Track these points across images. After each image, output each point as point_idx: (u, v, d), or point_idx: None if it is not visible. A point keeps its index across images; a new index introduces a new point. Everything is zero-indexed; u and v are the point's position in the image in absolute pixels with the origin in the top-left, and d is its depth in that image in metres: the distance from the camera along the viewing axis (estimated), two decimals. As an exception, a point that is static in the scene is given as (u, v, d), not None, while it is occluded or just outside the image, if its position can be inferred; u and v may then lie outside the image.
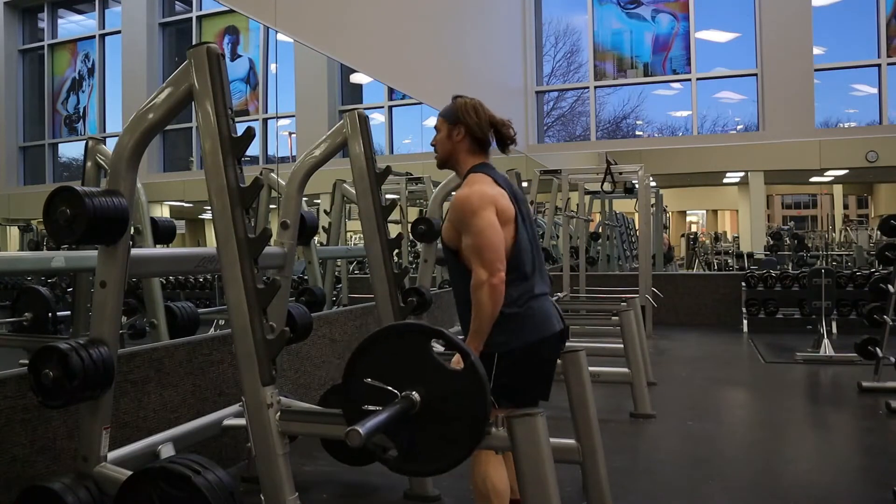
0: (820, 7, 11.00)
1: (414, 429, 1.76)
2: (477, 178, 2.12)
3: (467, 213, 2.03)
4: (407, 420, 1.74)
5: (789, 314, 8.05)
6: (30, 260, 3.58)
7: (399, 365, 1.79)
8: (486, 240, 1.99)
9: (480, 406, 1.71)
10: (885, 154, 10.49)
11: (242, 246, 1.98)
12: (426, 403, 1.74)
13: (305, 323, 3.06)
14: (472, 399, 1.72)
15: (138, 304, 3.59)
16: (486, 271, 1.97)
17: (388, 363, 1.80)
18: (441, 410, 1.74)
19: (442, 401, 1.74)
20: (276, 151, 5.83)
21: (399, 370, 1.78)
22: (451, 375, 1.75)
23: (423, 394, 1.75)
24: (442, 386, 1.75)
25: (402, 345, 1.81)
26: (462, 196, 2.08)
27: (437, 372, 1.76)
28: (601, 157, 8.73)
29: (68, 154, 4.94)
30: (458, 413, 1.74)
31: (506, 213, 2.06)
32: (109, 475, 2.03)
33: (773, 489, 3.06)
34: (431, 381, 1.75)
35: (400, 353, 1.80)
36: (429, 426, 1.75)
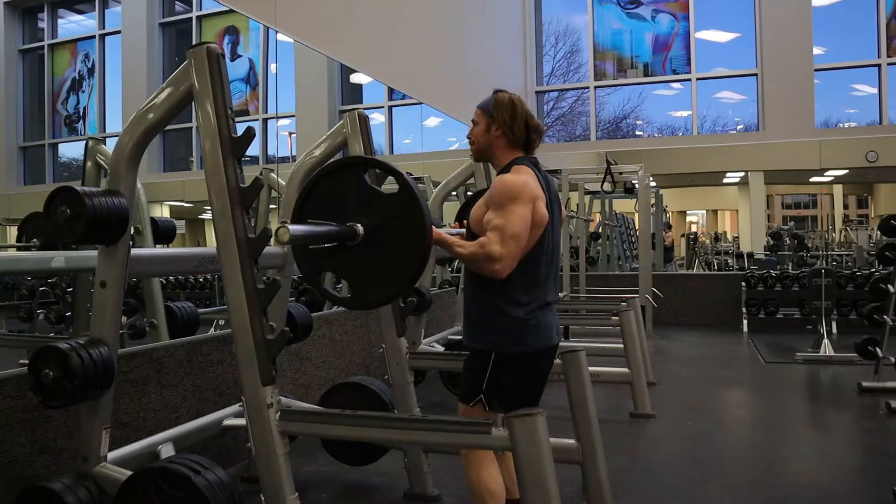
0: (820, 7, 11.00)
1: (361, 260, 1.80)
2: (523, 168, 2.08)
3: (508, 196, 1.98)
4: (353, 250, 1.78)
5: (789, 314, 8.05)
6: (30, 260, 3.58)
7: (339, 202, 1.82)
8: (515, 227, 1.95)
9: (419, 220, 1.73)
10: (885, 154, 10.48)
11: (242, 246, 1.98)
12: (368, 232, 1.78)
13: (305, 323, 3.06)
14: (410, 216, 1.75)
15: (138, 304, 3.59)
16: (504, 257, 1.93)
17: (329, 203, 1.83)
18: (384, 236, 1.78)
19: (383, 227, 1.77)
20: (276, 151, 5.83)
21: (340, 207, 1.81)
22: (388, 199, 1.78)
23: (365, 223, 1.78)
24: (381, 212, 1.78)
25: (338, 182, 1.84)
26: (509, 178, 2.03)
27: (375, 199, 1.80)
28: (601, 157, 8.73)
29: (68, 154, 4.94)
30: (401, 233, 1.76)
31: (539, 217, 2.02)
32: (109, 475, 2.03)
33: (773, 489, 3.06)
34: (371, 210, 1.79)
35: (338, 190, 1.83)
36: (374, 255, 1.79)
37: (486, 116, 2.15)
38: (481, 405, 2.06)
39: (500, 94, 2.15)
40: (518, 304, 2.04)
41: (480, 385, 2.05)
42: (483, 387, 2.04)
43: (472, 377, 2.09)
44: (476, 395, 2.06)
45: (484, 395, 2.05)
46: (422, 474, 2.86)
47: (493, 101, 2.15)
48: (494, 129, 2.13)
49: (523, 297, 2.05)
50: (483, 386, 2.04)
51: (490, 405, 2.05)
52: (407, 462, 2.87)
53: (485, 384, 2.04)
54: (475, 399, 2.06)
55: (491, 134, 2.14)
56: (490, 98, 2.17)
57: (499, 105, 2.13)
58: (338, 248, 1.79)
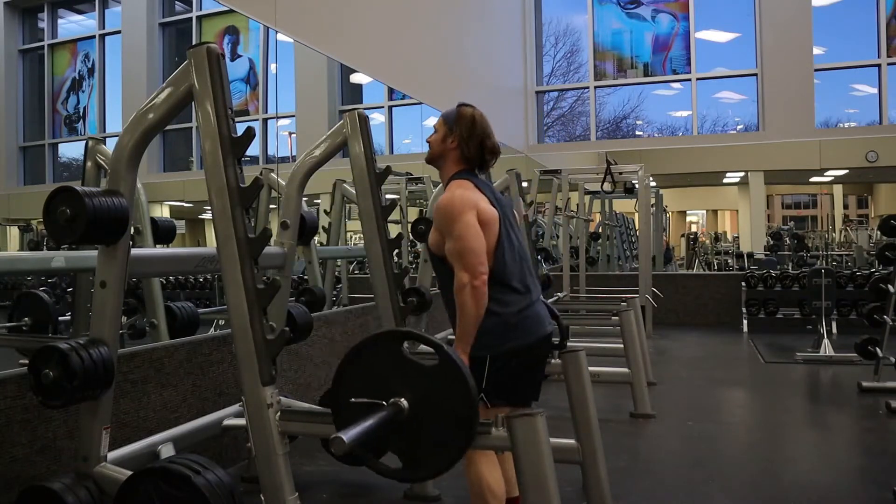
0: (820, 7, 10.99)
1: (409, 434, 1.76)
2: (458, 182, 2.14)
3: (448, 217, 2.05)
4: (400, 427, 1.74)
5: (789, 314, 8.05)
6: (30, 260, 3.58)
7: (381, 376, 1.78)
8: (466, 243, 2.00)
9: (465, 396, 1.71)
10: (885, 154, 10.48)
11: (242, 246, 1.98)
12: (414, 407, 1.74)
13: (305, 323, 3.06)
14: (455, 391, 1.72)
15: (138, 304, 3.59)
16: (468, 274, 1.99)
17: (369, 378, 1.79)
18: (430, 410, 1.74)
19: (429, 401, 1.74)
20: (276, 151, 5.83)
21: (382, 381, 1.77)
22: (430, 373, 1.76)
23: (410, 398, 1.74)
24: (425, 386, 1.75)
25: (378, 355, 1.80)
26: (443, 201, 2.09)
27: (417, 373, 1.76)
28: (601, 157, 8.73)
29: (68, 154, 4.93)
30: (447, 408, 1.74)
31: (487, 216, 2.07)
32: (109, 475, 2.02)
33: (773, 489, 3.06)
34: (414, 384, 1.75)
35: (378, 364, 1.80)
36: (422, 428, 1.75)
37: (445, 126, 2.19)
38: (483, 403, 2.06)
39: (462, 109, 2.20)
40: (500, 302, 2.06)
41: (479, 387, 2.05)
42: (483, 386, 2.05)
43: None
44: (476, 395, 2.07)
45: (484, 393, 2.06)
46: (422, 474, 2.86)
47: (455, 112, 2.17)
48: (451, 141, 2.17)
49: (507, 294, 2.08)
50: (482, 385, 2.05)
51: (491, 401, 2.07)
52: (407, 462, 2.86)
53: (483, 384, 2.05)
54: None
55: (446, 144, 2.18)
56: (453, 109, 2.20)
57: (459, 119, 2.16)
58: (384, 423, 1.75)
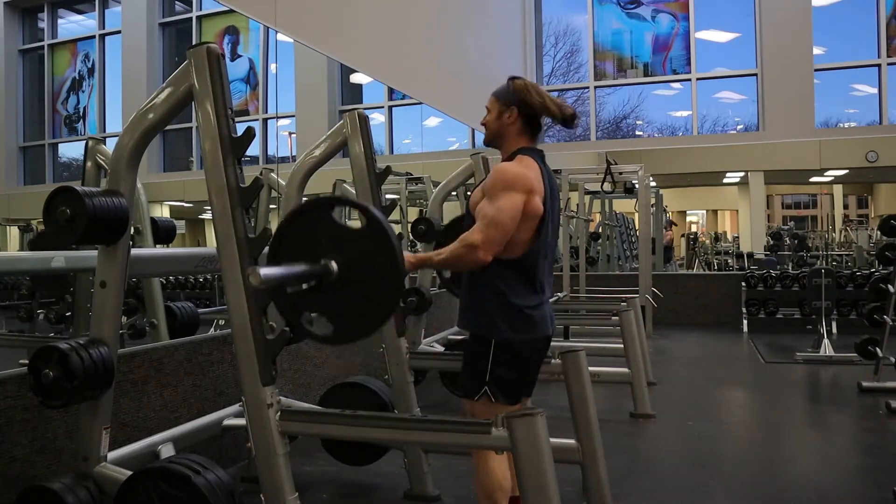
0: (820, 7, 10.99)
1: (339, 297, 1.79)
2: (527, 161, 2.10)
3: (501, 183, 2.02)
4: (330, 289, 1.77)
5: (789, 314, 8.05)
6: (30, 260, 3.58)
7: (313, 241, 1.81)
8: (502, 216, 1.98)
9: (390, 255, 1.73)
10: (885, 154, 10.48)
11: (242, 246, 1.98)
12: (343, 269, 1.77)
13: (305, 323, 3.05)
14: (382, 251, 1.74)
15: (138, 304, 3.59)
16: (484, 241, 1.97)
17: (303, 244, 1.82)
18: (359, 272, 1.77)
19: (357, 263, 1.77)
20: (276, 151, 5.83)
21: (314, 246, 1.81)
22: (357, 235, 1.78)
23: (339, 261, 1.77)
24: (353, 249, 1.78)
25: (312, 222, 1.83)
26: (505, 166, 2.07)
27: (346, 237, 1.79)
28: (601, 157, 8.73)
29: (68, 154, 4.94)
30: (375, 268, 1.76)
31: (533, 209, 2.04)
32: (109, 475, 2.02)
33: (773, 489, 3.06)
34: (343, 247, 1.78)
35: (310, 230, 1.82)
36: (351, 290, 1.78)
37: (499, 103, 2.17)
38: (487, 398, 2.06)
39: (518, 81, 2.17)
40: (518, 294, 2.06)
41: (484, 377, 2.06)
42: (486, 377, 2.05)
43: (473, 368, 2.10)
44: (480, 387, 2.07)
45: (488, 385, 2.05)
46: (422, 474, 2.87)
47: (510, 87, 2.16)
48: (508, 116, 2.15)
49: (525, 286, 2.08)
50: (486, 377, 2.05)
51: (495, 397, 2.06)
52: (407, 462, 2.87)
53: (488, 375, 2.05)
54: (480, 392, 2.07)
55: (503, 121, 2.16)
56: (504, 86, 2.18)
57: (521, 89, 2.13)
58: (315, 287, 1.80)
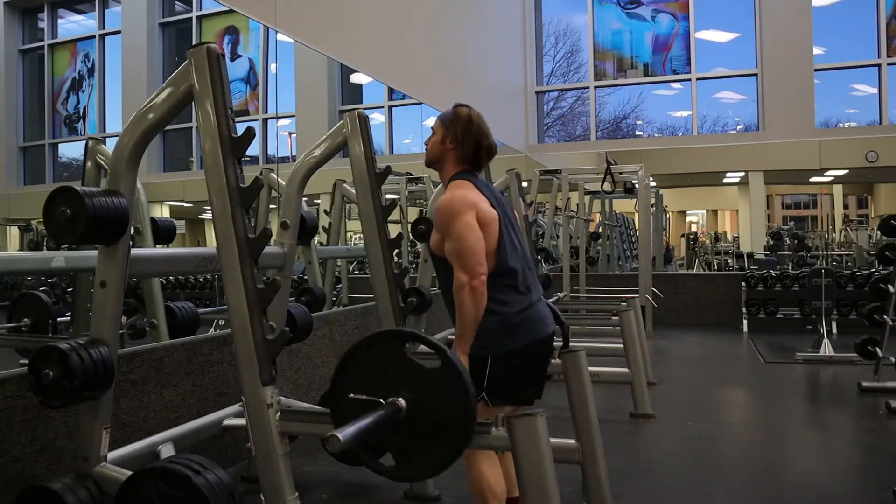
0: (820, 7, 10.99)
1: (405, 434, 1.77)
2: (458, 183, 2.15)
3: (447, 218, 2.05)
4: (396, 426, 1.74)
5: (789, 314, 8.05)
6: (30, 260, 3.58)
7: (380, 375, 1.78)
8: (466, 243, 2.01)
9: (463, 400, 1.72)
10: (885, 154, 10.48)
11: (242, 246, 1.98)
12: (412, 407, 1.74)
13: (305, 323, 3.06)
14: (454, 394, 1.73)
15: (138, 304, 3.59)
16: (467, 274, 1.99)
17: (369, 375, 1.80)
18: (428, 411, 1.75)
19: (427, 402, 1.74)
20: (276, 151, 5.83)
21: (381, 380, 1.78)
22: (431, 375, 1.76)
23: (408, 397, 1.74)
24: (424, 387, 1.75)
25: (379, 354, 1.81)
26: (442, 202, 2.10)
27: (417, 374, 1.77)
28: (601, 157, 8.73)
29: (68, 154, 4.93)
30: (445, 411, 1.74)
31: (486, 216, 2.07)
32: (109, 475, 2.02)
33: (773, 489, 3.06)
34: (414, 385, 1.76)
35: (378, 362, 1.80)
36: (419, 429, 1.76)
37: (442, 128, 2.20)
38: (483, 402, 2.07)
39: (459, 109, 2.20)
40: (504, 303, 2.07)
41: (481, 385, 2.06)
42: (483, 385, 2.06)
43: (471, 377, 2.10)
44: (477, 394, 2.07)
45: (485, 392, 2.06)
46: (422, 474, 2.86)
47: (451, 114, 2.18)
48: (448, 142, 2.17)
49: (509, 294, 2.09)
50: (483, 385, 2.06)
51: (493, 401, 2.07)
52: (407, 462, 2.86)
53: (485, 383, 2.05)
54: (477, 398, 2.07)
55: (445, 146, 2.19)
56: (450, 111, 2.21)
57: (455, 119, 2.17)
58: None
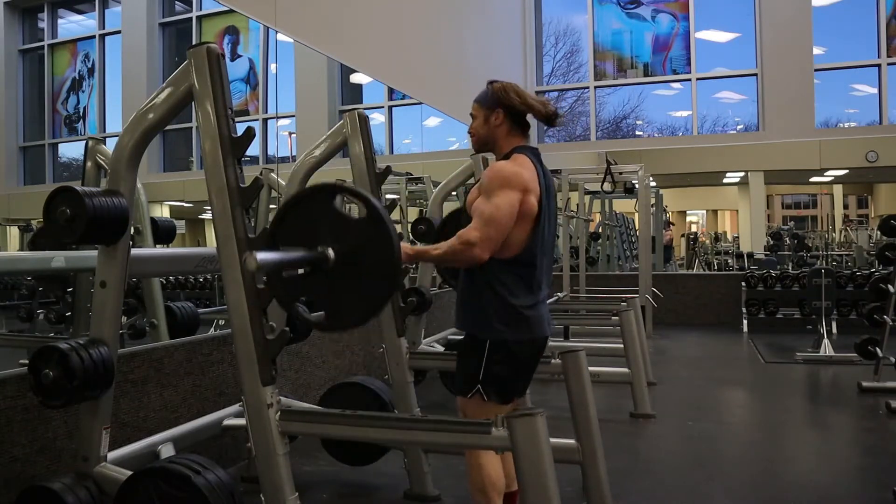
0: (820, 7, 10.99)
1: (334, 284, 1.80)
2: (522, 159, 2.10)
3: (498, 182, 2.02)
4: (325, 276, 1.78)
5: (789, 314, 8.05)
6: (30, 260, 3.58)
7: (311, 228, 1.82)
8: (498, 212, 1.98)
9: (388, 247, 1.73)
10: (885, 154, 10.48)
11: (242, 246, 1.98)
12: (340, 256, 1.77)
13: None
14: (379, 242, 1.74)
15: (138, 304, 3.59)
16: (480, 238, 1.96)
17: (301, 229, 1.83)
18: (355, 261, 1.77)
19: (354, 251, 1.77)
20: (276, 151, 5.83)
21: (312, 233, 1.81)
22: (357, 225, 1.78)
23: (336, 248, 1.77)
24: (351, 237, 1.78)
25: (312, 208, 1.84)
26: (501, 165, 2.07)
27: (345, 225, 1.79)
28: (601, 157, 8.73)
29: (68, 154, 4.93)
30: (371, 259, 1.76)
31: (529, 208, 2.04)
32: (109, 475, 2.02)
33: (773, 489, 3.06)
34: (341, 235, 1.78)
35: (310, 216, 1.83)
36: (347, 278, 1.79)
37: (483, 108, 2.18)
38: (479, 395, 2.08)
39: (496, 84, 2.18)
40: (516, 295, 2.06)
41: (477, 374, 2.07)
42: (480, 376, 2.06)
43: (467, 366, 2.12)
44: (473, 385, 2.09)
45: (481, 384, 2.07)
46: (422, 474, 2.86)
47: (490, 90, 2.17)
48: (495, 119, 2.15)
49: (522, 286, 2.08)
50: (480, 375, 2.06)
51: (488, 395, 2.07)
52: (407, 462, 2.87)
53: (481, 373, 2.06)
54: (473, 390, 2.09)
55: (491, 124, 2.17)
56: (485, 90, 2.19)
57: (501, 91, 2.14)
58: (311, 273, 1.81)
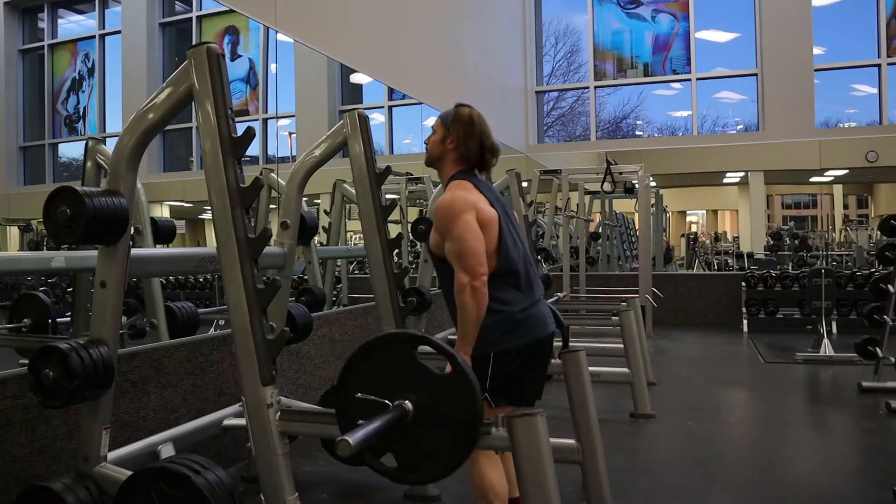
0: (820, 7, 11.00)
1: (410, 437, 1.76)
2: (458, 183, 2.14)
3: (447, 218, 2.04)
4: (402, 429, 1.73)
5: (789, 314, 8.05)
6: (30, 260, 3.58)
7: (389, 376, 1.77)
8: (466, 244, 2.00)
9: (472, 407, 1.71)
10: (885, 154, 10.48)
11: (242, 246, 1.98)
12: (419, 410, 1.73)
13: (305, 323, 3.06)
14: (463, 401, 1.71)
15: (138, 304, 3.59)
16: (468, 275, 1.98)
17: (377, 375, 1.78)
18: (434, 416, 1.74)
19: (434, 406, 1.73)
20: (276, 151, 5.83)
21: (389, 381, 1.77)
22: (441, 380, 1.75)
23: (415, 401, 1.73)
24: (432, 391, 1.74)
25: (389, 355, 1.80)
26: (442, 202, 2.09)
27: (427, 378, 1.75)
28: (601, 157, 8.73)
29: (68, 154, 4.93)
30: (451, 417, 1.73)
31: (486, 216, 2.06)
32: (109, 475, 2.03)
33: (773, 489, 3.06)
34: (422, 388, 1.74)
35: (388, 363, 1.79)
36: (424, 433, 1.75)
37: (443, 127, 2.19)
38: (486, 402, 2.07)
39: (460, 109, 2.18)
40: (506, 302, 2.07)
41: (483, 385, 2.06)
42: (486, 385, 2.06)
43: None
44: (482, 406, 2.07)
45: (488, 393, 2.06)
46: (422, 474, 2.86)
47: (452, 113, 2.17)
48: (449, 142, 2.16)
49: (511, 293, 2.09)
50: (486, 385, 2.06)
51: (496, 402, 2.07)
52: (407, 462, 2.86)
53: (487, 383, 2.05)
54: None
55: (445, 145, 2.18)
56: (451, 110, 2.19)
57: (456, 119, 2.15)
58: None
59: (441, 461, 1.76)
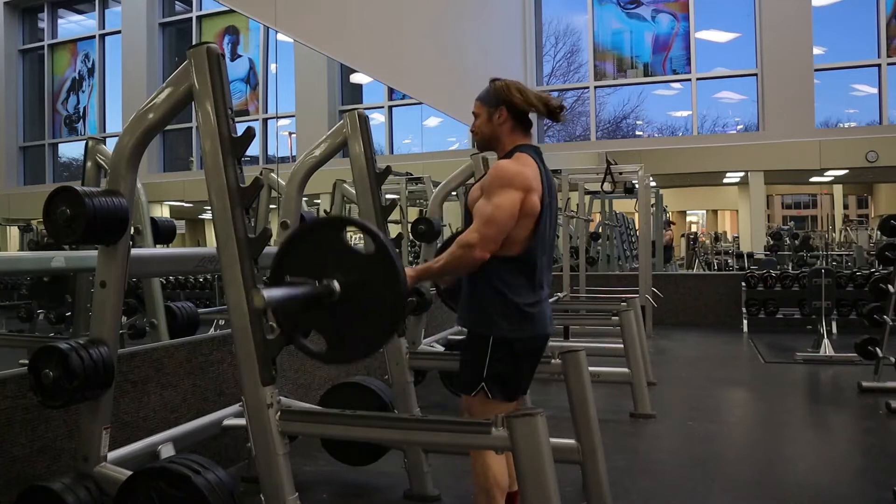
0: (820, 7, 11.00)
1: (338, 317, 1.80)
2: (525, 158, 2.11)
3: (498, 181, 2.03)
4: (331, 308, 1.78)
5: (789, 314, 8.05)
6: (30, 260, 3.58)
7: (318, 259, 1.83)
8: (499, 213, 1.99)
9: (395, 283, 1.74)
10: (885, 154, 10.48)
11: (242, 246, 1.98)
12: (346, 290, 1.78)
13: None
14: (386, 278, 1.75)
15: (138, 304, 3.59)
16: (480, 240, 1.99)
17: (309, 259, 1.84)
18: (361, 295, 1.78)
19: (360, 285, 1.78)
20: (276, 151, 5.83)
21: (319, 264, 1.82)
22: (365, 259, 1.79)
23: (343, 281, 1.78)
24: (358, 271, 1.79)
25: (318, 239, 1.85)
26: (504, 164, 2.08)
27: (353, 259, 1.80)
28: (601, 157, 8.73)
29: (68, 154, 4.94)
30: (377, 294, 1.77)
31: (531, 208, 2.04)
32: (109, 475, 2.02)
33: (773, 489, 3.06)
34: (348, 269, 1.79)
35: (318, 248, 1.84)
36: (351, 312, 1.79)
37: (485, 106, 2.19)
38: (483, 393, 2.08)
39: (499, 82, 2.18)
40: (517, 292, 2.07)
41: (481, 372, 2.08)
42: (484, 373, 2.07)
43: (471, 364, 2.12)
44: (477, 383, 2.09)
45: (485, 382, 2.07)
46: (422, 474, 2.86)
47: (493, 88, 2.17)
48: (498, 117, 2.16)
49: (524, 284, 2.09)
50: (484, 373, 2.07)
51: (492, 393, 2.07)
52: (407, 462, 2.87)
53: (485, 371, 2.06)
54: (477, 388, 2.09)
55: (494, 122, 2.17)
56: (488, 88, 2.19)
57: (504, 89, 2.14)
58: (315, 305, 1.82)
59: (367, 339, 1.81)
